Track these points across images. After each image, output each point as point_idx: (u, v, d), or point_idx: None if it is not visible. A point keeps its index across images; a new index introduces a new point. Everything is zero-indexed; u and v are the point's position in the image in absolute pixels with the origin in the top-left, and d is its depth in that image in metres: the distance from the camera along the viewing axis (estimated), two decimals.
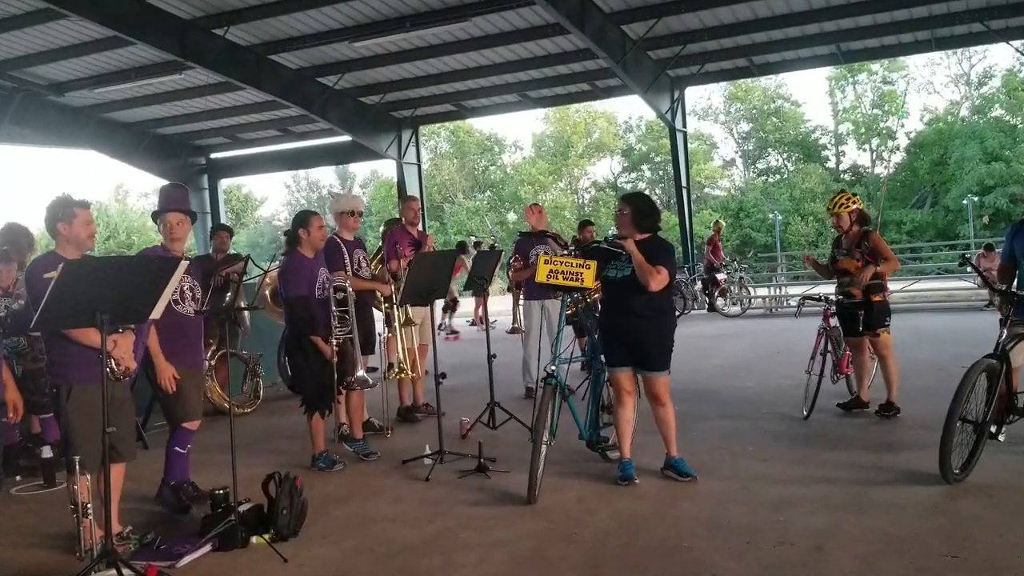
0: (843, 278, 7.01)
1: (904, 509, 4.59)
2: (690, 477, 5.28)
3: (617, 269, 5.30)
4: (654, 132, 48.56)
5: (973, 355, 5.10)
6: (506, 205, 52.78)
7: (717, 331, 15.20)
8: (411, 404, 7.93)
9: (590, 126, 52.28)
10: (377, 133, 22.11)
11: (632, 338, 5.26)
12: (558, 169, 52.09)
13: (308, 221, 6.13)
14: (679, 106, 21.10)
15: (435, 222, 47.89)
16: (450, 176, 52.25)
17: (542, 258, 5.30)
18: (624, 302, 5.27)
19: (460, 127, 50.60)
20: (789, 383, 8.35)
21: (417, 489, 5.52)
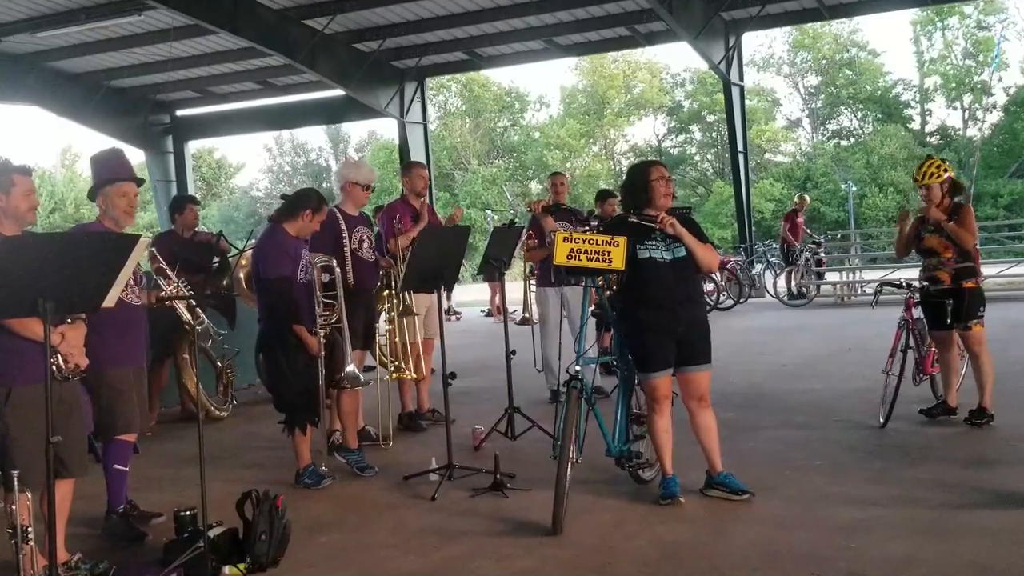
0: (929, 259, 6.95)
1: (997, 535, 4.56)
2: (746, 494, 5.27)
3: (661, 249, 5.25)
4: (706, 86, 48.23)
5: None
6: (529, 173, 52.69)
7: (778, 323, 15.13)
8: (415, 410, 7.95)
9: (629, 79, 52.02)
10: (375, 87, 22.09)
11: (682, 331, 5.25)
12: (591, 131, 51.92)
13: (321, 208, 6.17)
14: (735, 55, 20.96)
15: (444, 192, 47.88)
16: (462, 138, 52.22)
17: (560, 235, 5.16)
18: (674, 289, 5.26)
19: (474, 80, 50.48)
20: (863, 385, 8.30)
21: (421, 510, 5.53)
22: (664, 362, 5.28)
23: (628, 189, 5.51)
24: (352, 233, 6.94)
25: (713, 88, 43.73)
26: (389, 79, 22.47)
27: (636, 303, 5.34)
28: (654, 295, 5.26)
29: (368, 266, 7.08)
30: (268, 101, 24.97)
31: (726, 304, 17.46)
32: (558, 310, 8.57)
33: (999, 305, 14.40)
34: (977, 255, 6.99)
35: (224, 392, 9.14)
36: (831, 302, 18.85)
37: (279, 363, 6.03)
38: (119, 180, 5.10)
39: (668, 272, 5.24)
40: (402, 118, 22.89)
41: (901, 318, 7.14)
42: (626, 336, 5.49)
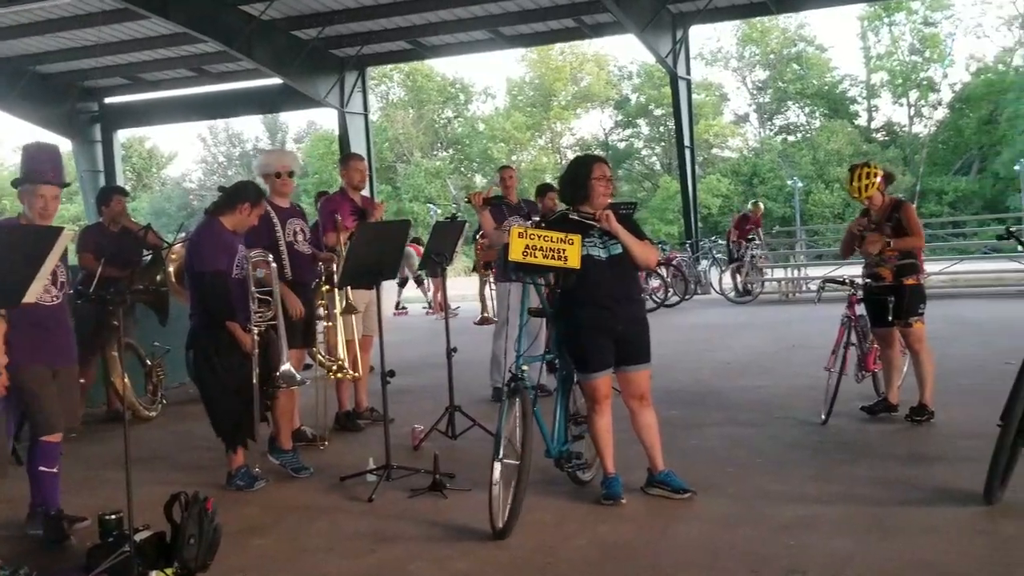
0: (873, 257, 7.08)
1: (937, 531, 4.66)
2: (688, 493, 5.32)
3: (599, 247, 5.25)
4: (653, 80, 48.59)
5: (1023, 351, 5.16)
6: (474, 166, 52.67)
7: (723, 320, 15.32)
8: (352, 409, 7.91)
9: (576, 72, 52.22)
10: (315, 75, 21.96)
11: (621, 330, 5.27)
12: (537, 123, 52.03)
13: (259, 201, 6.10)
14: (682, 49, 21.16)
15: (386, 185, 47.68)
16: (405, 130, 52.01)
17: (515, 230, 5.09)
18: (612, 287, 5.27)
19: (417, 69, 50.32)
20: (807, 382, 8.43)
21: (358, 512, 5.51)
22: (603, 362, 5.29)
23: (567, 182, 5.49)
24: (286, 225, 6.85)
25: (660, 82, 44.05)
26: (329, 68, 22.34)
27: (574, 302, 5.31)
28: (592, 294, 5.24)
29: (305, 259, 7.00)
30: (202, 89, 24.70)
31: (672, 301, 17.62)
32: (517, 307, 8.55)
33: (942, 302, 14.75)
34: (920, 252, 7.13)
35: (153, 391, 9.01)
36: (776, 299, 19.12)
37: (210, 361, 5.93)
38: (39, 182, 5.01)
39: (605, 270, 5.24)
40: (342, 108, 22.76)
41: (844, 315, 7.27)
42: (564, 336, 5.47)
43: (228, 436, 6.05)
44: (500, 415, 5.06)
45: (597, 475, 5.62)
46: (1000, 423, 5.00)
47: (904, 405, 7.16)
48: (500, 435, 5.01)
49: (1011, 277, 18.52)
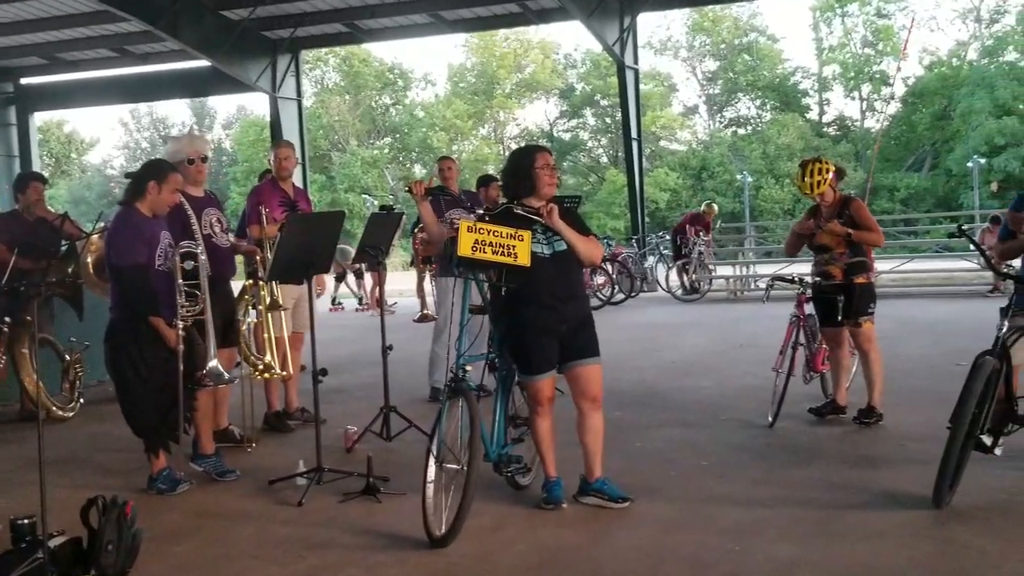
0: (821, 255, 7.19)
1: (884, 536, 4.76)
2: (626, 501, 5.30)
3: (542, 244, 5.22)
4: (600, 69, 48.88)
5: (974, 351, 5.29)
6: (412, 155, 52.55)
7: (670, 319, 15.46)
8: (282, 409, 7.86)
9: (521, 59, 52.35)
10: (245, 58, 21.75)
11: (566, 329, 5.26)
12: (480, 112, 52.05)
13: (166, 177, 5.95)
14: (630, 37, 21.31)
15: (320, 175, 47.39)
16: (341, 117, 51.73)
17: (464, 224, 5.03)
18: (556, 285, 5.24)
19: (354, 54, 50.09)
20: (753, 383, 8.55)
21: (287, 517, 5.48)
22: (547, 363, 5.28)
23: (510, 174, 5.45)
24: (201, 217, 6.70)
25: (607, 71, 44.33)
26: (260, 50, 22.15)
27: (516, 300, 5.27)
28: (535, 292, 5.20)
29: (224, 253, 6.85)
30: (125, 71, 24.41)
31: (618, 298, 17.75)
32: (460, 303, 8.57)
33: (893, 302, 15.06)
34: (869, 250, 7.26)
35: (70, 389, 8.86)
36: (724, 297, 19.34)
37: (131, 357, 5.84)
38: None
39: (549, 267, 5.21)
40: (274, 93, 22.59)
41: (792, 314, 7.38)
42: (506, 335, 5.44)
43: (149, 437, 5.98)
44: (439, 416, 5.05)
45: (535, 479, 5.65)
46: (949, 425, 5.12)
47: (852, 407, 7.28)
48: (439, 437, 4.99)
49: (963, 276, 18.92)
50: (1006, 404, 5.46)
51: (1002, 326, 5.35)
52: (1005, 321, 5.37)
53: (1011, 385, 5.43)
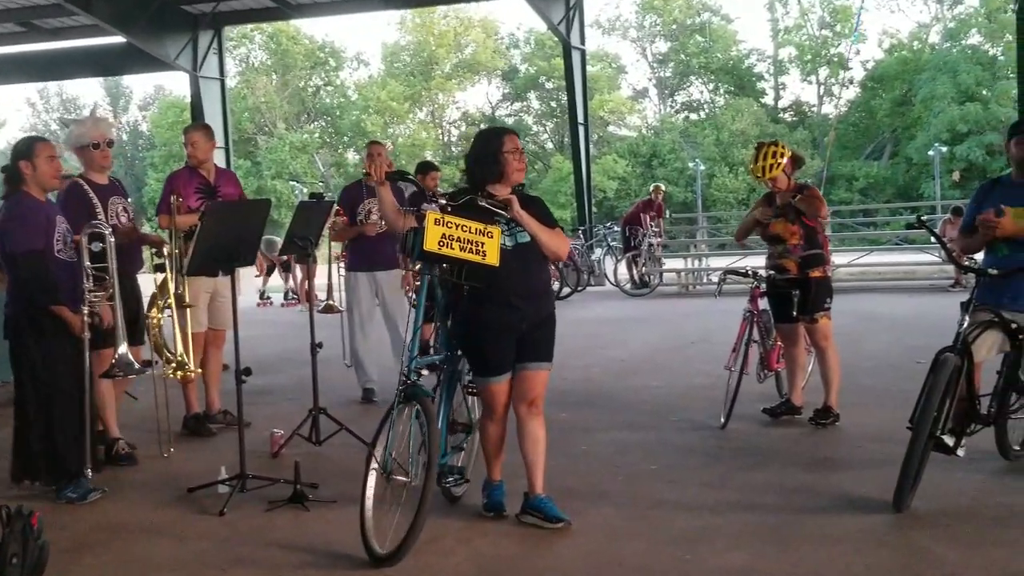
0: (775, 247, 7.26)
1: (841, 542, 4.81)
2: (561, 522, 5.18)
3: (504, 235, 5.10)
4: (545, 49, 48.99)
5: (935, 348, 5.38)
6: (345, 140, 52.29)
7: (618, 314, 15.55)
8: (203, 412, 7.78)
9: (461, 38, 52.29)
10: (164, 34, 21.50)
11: (526, 328, 5.18)
12: (417, 94, 51.93)
13: (33, 150, 5.92)
14: (576, 16, 21.37)
15: (245, 161, 46.97)
16: (267, 98, 51.31)
17: (431, 216, 4.88)
18: (517, 281, 5.14)
19: (282, 31, 49.72)
20: (705, 382, 8.63)
21: (208, 527, 5.43)
22: (504, 365, 5.21)
23: (476, 160, 5.29)
24: (107, 206, 6.63)
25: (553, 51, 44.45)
26: (180, 26, 21.90)
27: (473, 297, 5.17)
28: (495, 288, 5.10)
29: (130, 245, 6.81)
30: (33, 47, 23.98)
31: (564, 292, 17.80)
32: (371, 298, 8.56)
33: (851, 297, 15.27)
34: (826, 242, 7.35)
35: None
36: (675, 291, 19.49)
37: (29, 354, 5.82)
38: None
39: (510, 261, 5.08)
40: (195, 72, 22.35)
41: (746, 310, 7.45)
42: (460, 334, 5.37)
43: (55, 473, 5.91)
44: (386, 423, 4.93)
45: (467, 490, 5.63)
46: (910, 426, 5.20)
47: (808, 407, 7.36)
48: (385, 446, 4.88)
49: (924, 270, 19.23)
50: (968, 403, 5.56)
51: (963, 321, 5.44)
52: (966, 316, 5.46)
53: (973, 383, 5.53)
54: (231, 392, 6.39)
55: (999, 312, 5.56)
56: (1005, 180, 5.85)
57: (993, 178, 6.12)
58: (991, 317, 5.56)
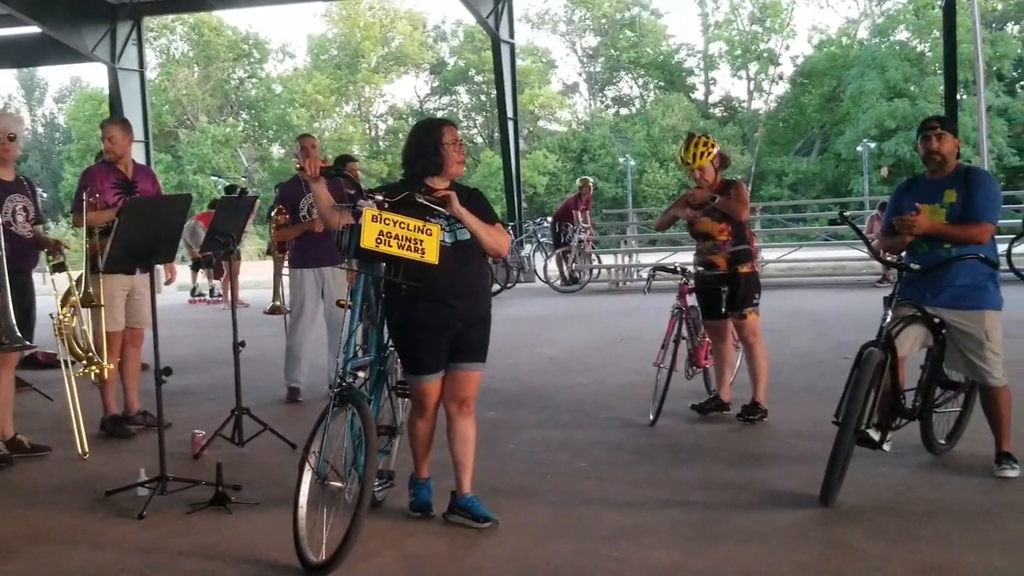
0: (704, 243, 7.36)
1: (768, 538, 4.89)
2: (488, 522, 5.21)
3: (444, 231, 5.05)
4: (474, 43, 48.99)
5: (861, 344, 5.48)
6: (269, 133, 51.83)
7: (548, 311, 15.62)
8: (121, 413, 7.69)
9: (388, 30, 52.07)
10: (81, 24, 21.15)
11: (460, 327, 5.15)
12: (343, 87, 51.63)
13: None
14: (505, 9, 21.39)
15: (165, 155, 46.33)
16: (189, 90, 50.66)
17: (369, 213, 4.82)
18: (455, 279, 5.10)
19: (204, 22, 49.11)
20: (634, 379, 8.71)
21: (127, 531, 5.36)
22: (437, 364, 5.19)
23: (414, 153, 5.24)
24: (4, 203, 6.56)
25: (482, 45, 44.44)
26: (97, 16, 21.55)
27: (409, 295, 5.10)
28: (430, 286, 5.04)
29: (24, 243, 6.77)
30: None
31: (494, 290, 17.81)
32: (316, 295, 8.49)
33: (780, 293, 15.50)
34: (753, 237, 7.47)
35: None
36: (606, 288, 19.61)
37: None
38: None
39: (449, 258, 5.03)
40: (113, 64, 22.01)
41: (674, 306, 7.53)
42: (394, 332, 5.32)
43: None
44: (321, 427, 4.89)
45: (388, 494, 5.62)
46: (835, 420, 5.31)
47: (736, 403, 7.47)
48: (318, 451, 4.83)
49: (852, 265, 19.54)
50: (893, 397, 5.69)
51: (886, 316, 5.56)
52: (889, 311, 5.58)
53: (897, 377, 5.66)
54: (151, 393, 6.31)
55: (921, 307, 5.70)
56: (921, 178, 5.98)
57: (910, 176, 6.26)
58: (914, 312, 5.70)
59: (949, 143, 5.76)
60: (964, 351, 5.74)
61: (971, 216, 5.63)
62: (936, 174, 5.81)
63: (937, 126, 5.80)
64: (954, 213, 5.66)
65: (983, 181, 5.79)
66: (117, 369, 7.39)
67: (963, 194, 5.67)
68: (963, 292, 5.68)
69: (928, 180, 5.88)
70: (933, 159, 5.78)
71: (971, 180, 5.73)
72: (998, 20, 46.58)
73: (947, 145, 5.75)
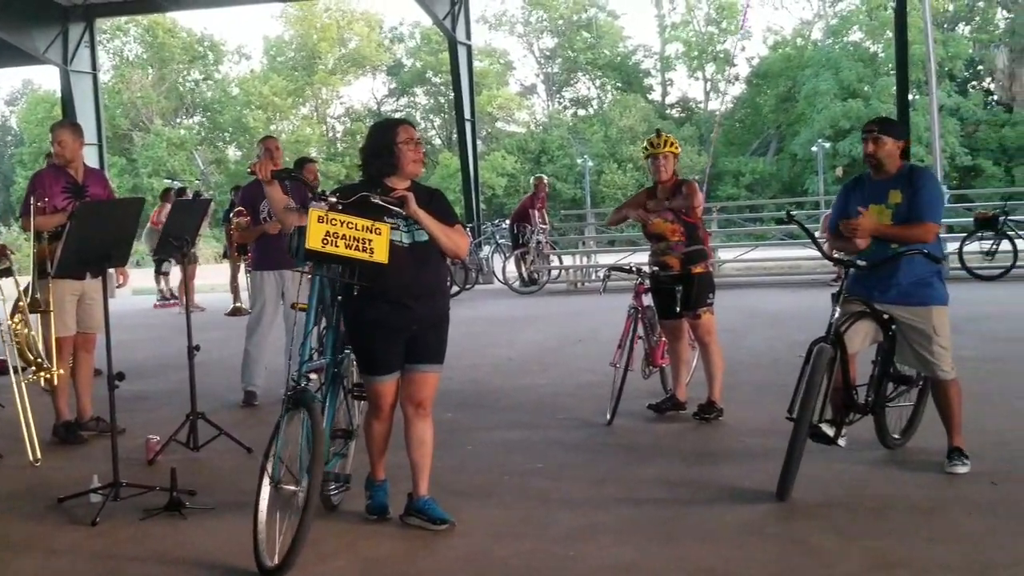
0: (658, 244, 7.41)
1: (723, 536, 4.94)
2: (445, 524, 5.21)
3: (401, 231, 5.06)
4: (431, 44, 48.94)
5: None
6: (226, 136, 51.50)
7: (506, 312, 15.64)
8: (74, 419, 7.61)
9: (344, 32, 51.90)
10: (32, 26, 20.95)
11: (417, 328, 5.14)
12: (300, 89, 51.39)
13: None
14: (462, 10, 21.40)
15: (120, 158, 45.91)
16: (143, 93, 50.22)
17: (314, 213, 4.80)
18: (412, 281, 5.09)
19: (158, 23, 48.73)
20: (592, 379, 8.75)
21: (79, 537, 5.32)
22: (392, 364, 5.19)
23: (370, 152, 5.22)
24: None
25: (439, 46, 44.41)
26: (49, 18, 21.34)
27: (363, 294, 5.09)
28: (387, 286, 5.03)
29: None
30: None
31: (452, 291, 17.81)
32: (276, 298, 8.46)
33: (737, 292, 15.62)
34: (707, 238, 7.54)
35: None
36: (564, 289, 19.65)
37: None
38: None
39: (407, 259, 5.03)
40: (66, 66, 21.80)
41: (630, 306, 7.58)
42: (350, 332, 5.31)
43: None
44: (276, 430, 4.88)
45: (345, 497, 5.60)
46: (789, 416, 5.37)
47: (692, 402, 7.52)
48: (275, 454, 4.81)
49: (807, 265, 19.68)
50: (845, 393, 5.77)
51: (834, 312, 5.64)
52: (837, 307, 5.66)
53: (848, 373, 5.73)
54: (105, 398, 6.26)
55: (870, 303, 5.79)
56: (866, 178, 6.06)
57: (855, 176, 6.34)
58: (863, 308, 5.79)
59: (887, 146, 5.82)
60: (914, 346, 5.83)
61: (915, 216, 5.71)
62: (880, 175, 5.90)
63: (874, 129, 5.88)
64: (900, 213, 5.74)
65: (926, 182, 5.87)
66: (69, 375, 7.33)
67: (908, 194, 5.75)
68: (910, 289, 5.77)
69: (873, 180, 5.96)
70: (869, 161, 5.88)
71: (915, 181, 5.80)
72: (950, 21, 47.21)
73: (884, 148, 5.81)
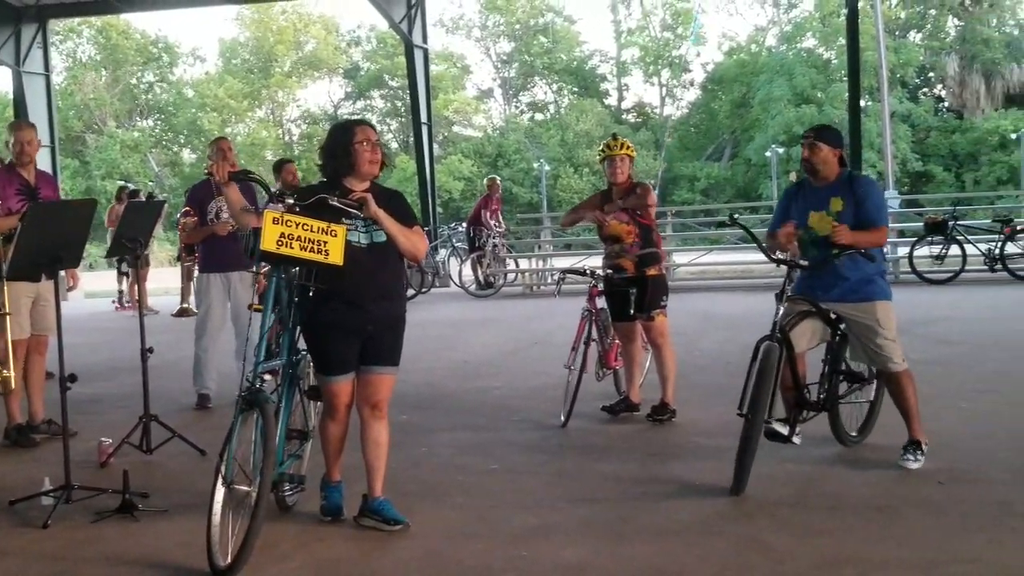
0: (612, 247, 7.46)
1: (676, 535, 4.99)
2: (400, 524, 5.23)
3: (359, 232, 5.08)
4: (388, 47, 48.87)
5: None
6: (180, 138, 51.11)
7: (463, 316, 15.66)
8: (26, 422, 7.55)
9: (301, 35, 51.70)
10: None
11: (372, 329, 5.15)
12: (256, 92, 51.12)
13: None
14: (418, 14, 21.41)
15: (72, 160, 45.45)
16: (97, 94, 49.72)
17: (269, 215, 4.78)
18: (368, 281, 5.10)
19: (111, 25, 48.28)
20: (546, 382, 8.78)
21: (30, 540, 5.29)
22: (347, 364, 5.20)
23: (328, 154, 5.23)
24: None
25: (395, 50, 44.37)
26: (1, 18, 21.10)
27: (320, 295, 5.12)
28: (344, 287, 5.04)
29: None
30: None
31: (409, 294, 17.77)
32: (223, 300, 8.43)
33: (691, 296, 15.73)
34: (660, 241, 7.61)
35: None
36: (520, 292, 19.70)
37: None
38: None
39: (364, 260, 5.05)
40: (18, 67, 21.60)
41: (584, 308, 7.62)
42: (306, 332, 5.31)
43: None
44: (231, 431, 4.85)
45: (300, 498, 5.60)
46: (740, 413, 5.46)
47: (646, 404, 7.59)
48: (229, 455, 4.79)
49: (761, 268, 19.83)
50: (796, 391, 5.86)
51: (778, 311, 5.74)
52: (781, 306, 5.77)
53: (796, 371, 5.82)
54: (56, 401, 6.21)
55: (816, 303, 5.90)
56: (807, 184, 6.16)
57: (797, 181, 6.44)
58: (808, 307, 5.90)
59: (822, 152, 5.96)
60: (862, 340, 5.97)
61: (868, 223, 5.85)
62: (819, 181, 6.02)
63: (811, 136, 6.05)
64: (843, 220, 5.84)
65: (870, 189, 6.07)
66: (21, 377, 7.26)
67: (851, 203, 5.88)
68: (853, 286, 5.92)
69: (814, 187, 6.07)
70: (805, 167, 6.02)
71: (858, 191, 5.95)
72: (901, 28, 47.74)
73: (819, 155, 5.96)
